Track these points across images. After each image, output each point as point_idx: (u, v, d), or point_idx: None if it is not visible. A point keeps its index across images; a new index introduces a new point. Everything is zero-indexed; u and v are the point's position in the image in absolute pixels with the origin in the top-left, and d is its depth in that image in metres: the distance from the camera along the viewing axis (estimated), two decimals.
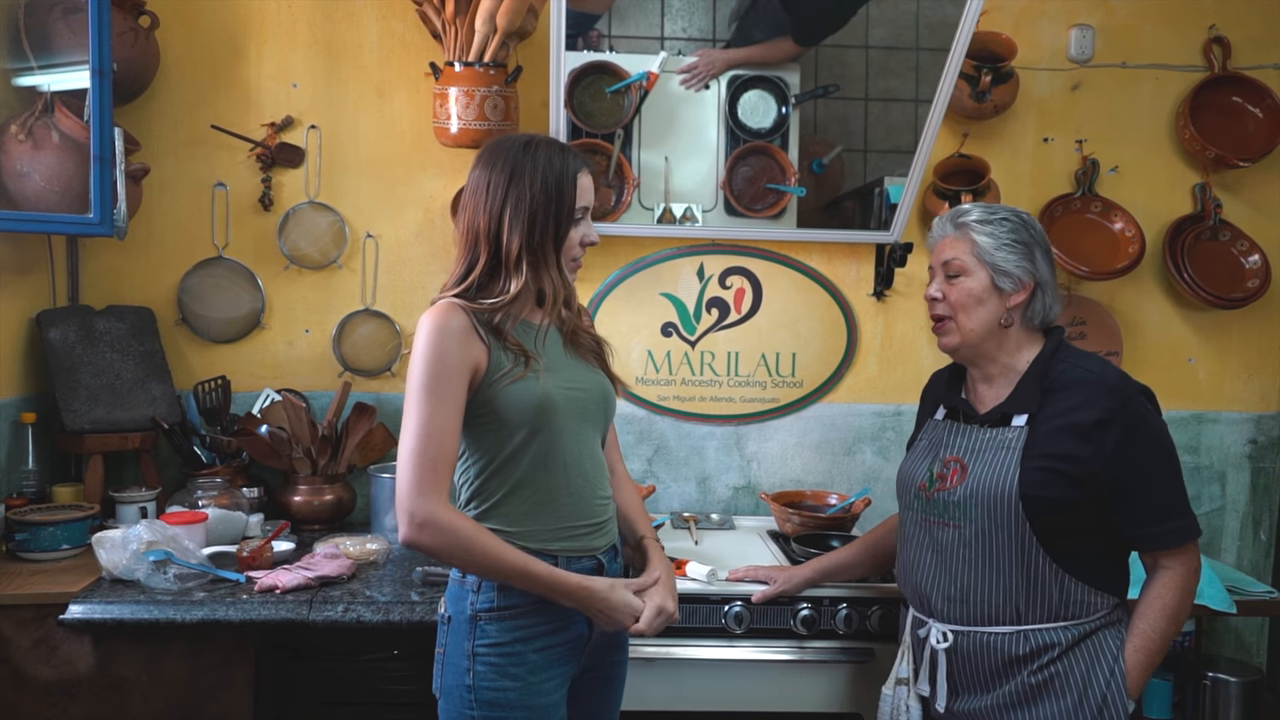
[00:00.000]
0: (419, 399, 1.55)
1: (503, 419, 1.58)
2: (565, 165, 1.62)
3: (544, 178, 1.60)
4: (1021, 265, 1.69)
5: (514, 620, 1.59)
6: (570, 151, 1.65)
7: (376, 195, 2.64)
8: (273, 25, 2.59)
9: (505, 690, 1.58)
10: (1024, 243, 1.70)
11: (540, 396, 1.59)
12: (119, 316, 2.51)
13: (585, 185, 1.65)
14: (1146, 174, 2.75)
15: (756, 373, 2.74)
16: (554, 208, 1.61)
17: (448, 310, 1.58)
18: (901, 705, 1.76)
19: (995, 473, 1.65)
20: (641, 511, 1.83)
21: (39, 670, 1.93)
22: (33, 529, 2.12)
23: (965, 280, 1.71)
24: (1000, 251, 1.69)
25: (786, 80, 2.54)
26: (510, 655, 1.59)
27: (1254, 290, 2.67)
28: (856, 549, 2.07)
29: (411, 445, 1.54)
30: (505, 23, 2.37)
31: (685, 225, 2.58)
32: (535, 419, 1.59)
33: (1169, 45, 2.73)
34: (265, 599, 1.96)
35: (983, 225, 1.71)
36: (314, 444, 2.45)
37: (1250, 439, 2.81)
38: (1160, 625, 1.64)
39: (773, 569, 2.09)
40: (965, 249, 1.72)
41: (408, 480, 1.54)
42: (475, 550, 1.54)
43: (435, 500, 1.53)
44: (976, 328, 1.71)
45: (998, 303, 1.70)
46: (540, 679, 1.60)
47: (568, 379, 1.65)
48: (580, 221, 1.66)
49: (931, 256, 1.79)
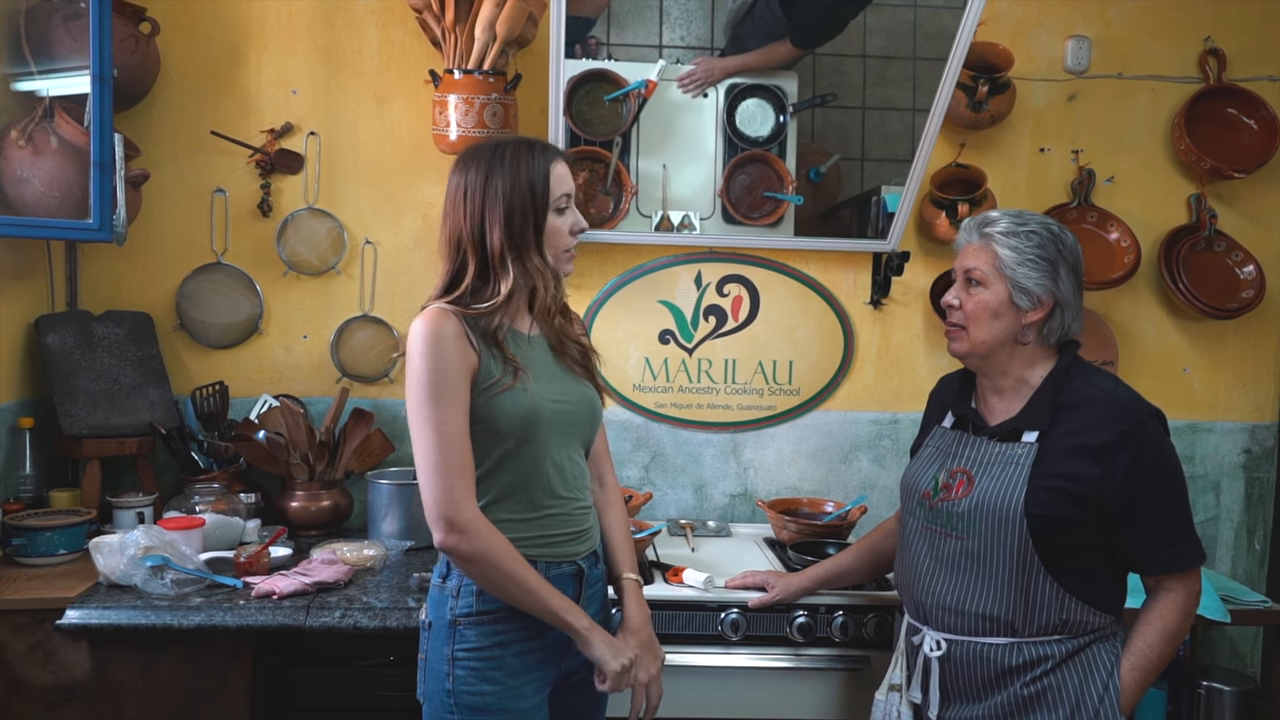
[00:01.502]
0: (428, 408, 1.55)
1: (489, 428, 1.59)
2: (535, 157, 1.64)
3: (515, 172, 1.62)
4: (1042, 283, 1.66)
5: (492, 625, 1.60)
6: (540, 145, 1.66)
7: (375, 202, 2.65)
8: (273, 32, 2.60)
9: (484, 695, 1.59)
10: (1049, 259, 1.66)
11: (527, 409, 1.60)
12: (117, 322, 2.51)
13: (560, 173, 1.66)
14: (1142, 184, 2.76)
15: (754, 380, 2.75)
16: (529, 198, 1.62)
17: (439, 316, 1.58)
18: (893, 711, 1.76)
19: (1002, 488, 1.64)
20: (626, 542, 1.80)
21: (35, 675, 1.93)
22: (30, 534, 2.12)
23: (983, 292, 1.69)
24: (1022, 267, 1.66)
25: (784, 89, 2.55)
26: (489, 660, 1.60)
27: (1249, 301, 2.68)
28: (853, 555, 2.07)
29: (435, 456, 1.54)
30: (505, 31, 2.38)
31: (683, 233, 2.59)
32: (521, 430, 1.60)
33: (1165, 57, 2.74)
34: (262, 605, 1.96)
35: (1007, 238, 1.67)
36: (311, 449, 2.46)
37: (1245, 449, 2.82)
38: (1159, 645, 1.64)
39: (769, 574, 2.09)
40: (987, 260, 1.69)
41: (441, 488, 1.54)
42: (505, 563, 1.55)
43: (470, 506, 1.55)
44: (987, 340, 1.69)
45: (1013, 318, 1.68)
46: (519, 683, 1.61)
47: (556, 392, 1.65)
48: (565, 211, 1.67)
49: (956, 260, 1.77)
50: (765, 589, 2.05)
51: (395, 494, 2.39)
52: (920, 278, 2.73)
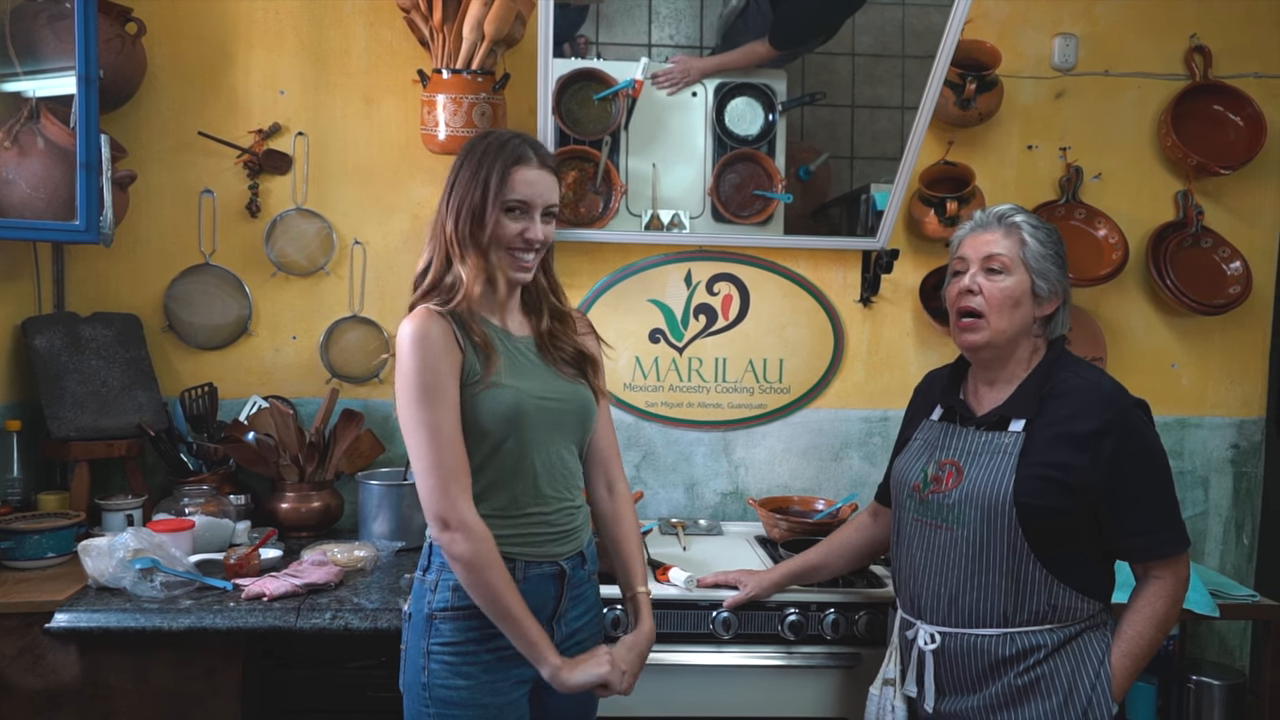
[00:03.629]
0: (420, 409, 1.55)
1: (472, 425, 1.59)
2: (501, 152, 1.61)
3: (478, 166, 1.61)
4: (1060, 278, 1.71)
5: (468, 620, 1.60)
6: (516, 143, 1.63)
7: (364, 202, 2.64)
8: (260, 32, 2.59)
9: (458, 689, 1.59)
10: (1060, 255, 1.72)
11: (510, 406, 1.60)
12: (105, 323, 2.50)
13: (526, 178, 1.61)
14: (1130, 181, 2.78)
15: (744, 379, 2.75)
16: (480, 193, 1.60)
17: (426, 317, 1.59)
18: (888, 706, 1.78)
19: (991, 478, 1.66)
20: (639, 556, 1.79)
21: (24, 679, 1.92)
22: (18, 537, 2.11)
23: (1006, 279, 1.70)
24: (1045, 261, 1.70)
25: (773, 87, 2.56)
26: (464, 654, 1.60)
27: (1236, 296, 2.69)
28: (822, 550, 2.07)
29: (431, 458, 1.55)
30: (493, 30, 2.37)
31: (673, 232, 2.59)
32: (504, 427, 1.60)
33: (1151, 54, 2.75)
34: (252, 607, 1.95)
35: (1033, 230, 1.71)
36: (301, 451, 2.45)
37: (1233, 444, 2.83)
38: (1149, 632, 1.66)
39: (741, 573, 2.09)
40: (1013, 247, 1.70)
41: (437, 489, 1.54)
42: (492, 576, 1.55)
43: (467, 507, 1.56)
44: (1006, 329, 1.70)
45: (1030, 308, 1.71)
46: (494, 678, 1.61)
47: (541, 389, 1.65)
48: (519, 215, 1.62)
49: (963, 248, 1.75)
50: (738, 587, 2.05)
51: (386, 495, 2.39)
52: (910, 275, 2.73)
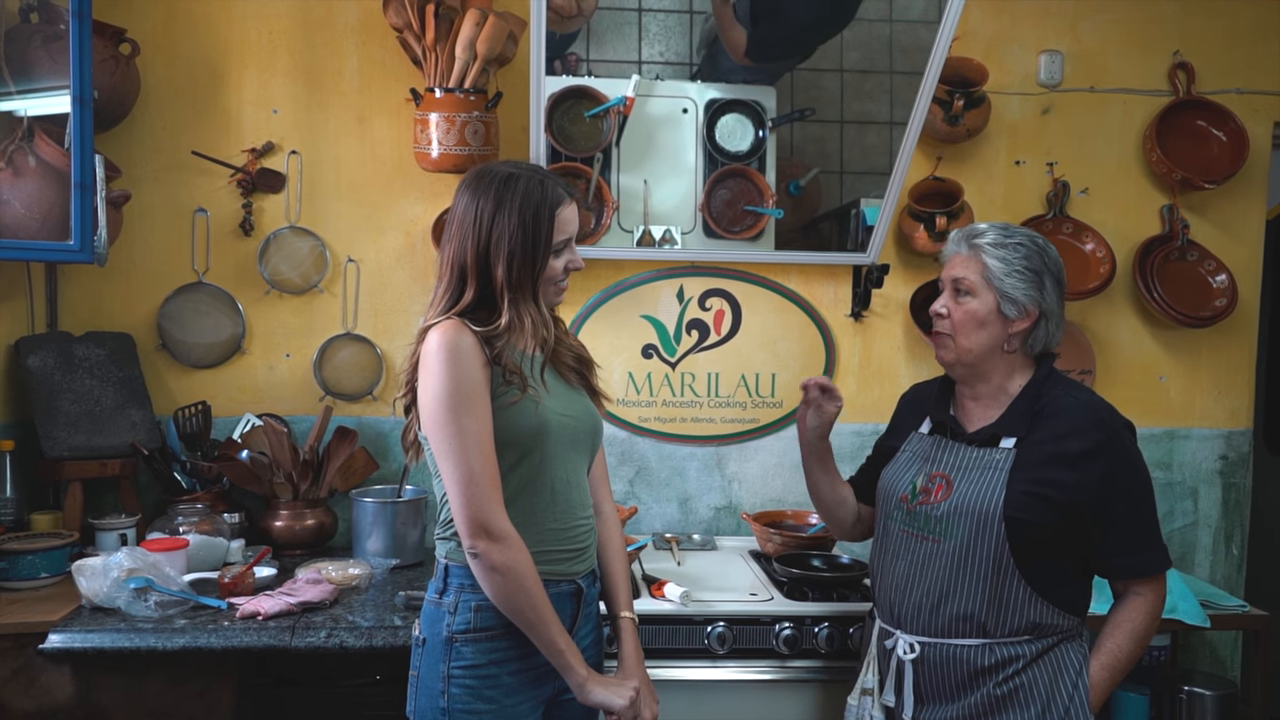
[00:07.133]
0: (454, 419, 1.54)
1: (498, 441, 1.59)
2: (544, 198, 1.61)
3: (522, 214, 1.60)
4: (1029, 294, 1.71)
5: (489, 643, 1.60)
6: (551, 183, 1.64)
7: (357, 220, 2.65)
8: (253, 52, 2.61)
9: (480, 713, 1.59)
10: (1035, 270, 1.71)
11: (537, 421, 1.60)
12: (98, 343, 2.50)
13: (566, 217, 1.64)
14: (1116, 196, 2.81)
15: (736, 393, 2.76)
16: (530, 244, 1.60)
17: (456, 328, 1.58)
18: (866, 715, 1.78)
19: (981, 492, 1.68)
20: (625, 579, 1.79)
21: (18, 701, 1.91)
22: (11, 557, 2.11)
23: (971, 301, 1.73)
24: (1010, 278, 1.71)
25: (763, 104, 2.58)
26: (485, 678, 1.60)
27: (1222, 309, 2.72)
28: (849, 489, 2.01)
29: (466, 466, 1.54)
30: (485, 49, 2.39)
31: (664, 248, 2.61)
32: (528, 442, 1.60)
33: (1135, 70, 2.79)
34: (247, 626, 1.95)
35: (995, 249, 1.72)
36: (295, 469, 2.45)
37: (1221, 455, 2.86)
38: (1128, 646, 1.69)
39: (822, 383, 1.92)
40: (975, 270, 1.73)
41: (476, 497, 1.53)
42: (529, 583, 1.56)
43: (504, 517, 1.56)
44: (973, 349, 1.74)
45: (1000, 327, 1.72)
46: (514, 701, 1.61)
47: (562, 407, 1.66)
48: (563, 251, 1.65)
49: (944, 268, 1.80)
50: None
51: (380, 512, 2.39)
52: (900, 290, 2.75)
